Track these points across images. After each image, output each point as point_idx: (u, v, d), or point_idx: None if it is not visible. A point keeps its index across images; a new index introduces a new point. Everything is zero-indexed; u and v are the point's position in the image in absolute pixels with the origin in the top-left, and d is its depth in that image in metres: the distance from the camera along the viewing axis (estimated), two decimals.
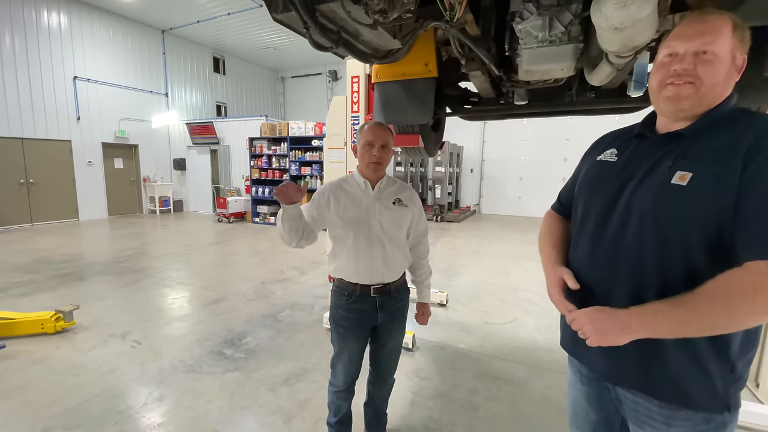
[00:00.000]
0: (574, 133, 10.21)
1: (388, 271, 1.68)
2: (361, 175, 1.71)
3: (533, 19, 1.72)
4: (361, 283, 1.67)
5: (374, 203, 1.67)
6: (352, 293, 1.68)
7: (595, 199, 1.07)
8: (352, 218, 1.65)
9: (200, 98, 13.39)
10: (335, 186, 1.71)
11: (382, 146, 1.63)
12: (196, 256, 6.31)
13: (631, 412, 1.01)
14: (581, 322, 0.95)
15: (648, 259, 0.92)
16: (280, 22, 1.66)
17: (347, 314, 1.71)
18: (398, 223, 1.70)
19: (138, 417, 2.26)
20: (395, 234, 1.69)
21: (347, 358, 1.76)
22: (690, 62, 0.90)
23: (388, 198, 1.70)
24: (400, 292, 1.76)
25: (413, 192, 1.81)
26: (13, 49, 8.52)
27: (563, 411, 2.33)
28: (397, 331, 1.81)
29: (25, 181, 8.94)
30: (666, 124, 1.00)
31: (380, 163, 1.64)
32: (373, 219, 1.65)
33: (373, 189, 1.70)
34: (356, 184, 1.71)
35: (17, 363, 2.84)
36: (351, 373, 1.81)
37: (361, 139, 1.66)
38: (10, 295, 4.30)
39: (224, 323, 3.59)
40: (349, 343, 1.74)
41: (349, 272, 1.68)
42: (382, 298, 1.69)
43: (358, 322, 1.71)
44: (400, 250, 1.72)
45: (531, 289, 4.65)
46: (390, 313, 1.74)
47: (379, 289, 1.67)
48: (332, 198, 1.67)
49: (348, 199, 1.67)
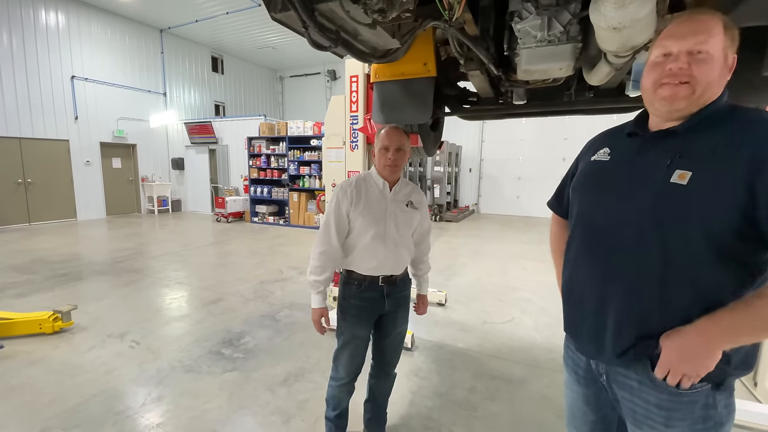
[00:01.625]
0: (573, 133, 10.23)
1: (396, 266, 1.78)
2: (380, 176, 1.78)
3: (532, 19, 1.72)
4: (371, 275, 1.76)
5: (391, 204, 1.76)
6: (362, 282, 1.76)
7: (588, 200, 1.08)
8: (371, 216, 1.72)
9: (199, 98, 13.36)
10: (356, 183, 1.77)
11: (397, 149, 1.70)
12: (194, 256, 6.30)
13: (629, 412, 1.01)
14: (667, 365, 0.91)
15: (648, 257, 0.92)
16: (279, 22, 1.66)
17: (358, 302, 1.78)
18: (409, 224, 1.81)
19: (137, 417, 2.26)
20: (405, 234, 1.80)
21: (354, 346, 1.82)
22: (685, 61, 0.90)
23: (402, 200, 1.79)
24: (404, 282, 1.87)
25: (422, 195, 1.90)
26: (10, 48, 8.48)
27: (562, 410, 2.33)
28: (401, 318, 1.89)
29: (23, 181, 8.91)
30: (658, 122, 1.00)
31: (396, 166, 1.73)
32: (389, 219, 1.74)
33: (390, 190, 1.77)
34: (375, 184, 1.78)
35: (15, 363, 2.83)
36: (356, 363, 1.86)
37: (378, 143, 1.74)
38: (7, 295, 4.28)
39: (223, 323, 3.58)
40: (358, 331, 1.81)
41: (360, 266, 1.76)
42: (389, 287, 1.79)
43: (368, 310, 1.80)
44: (407, 247, 1.82)
45: (529, 288, 4.65)
46: (396, 302, 1.83)
47: (386, 278, 1.77)
48: (355, 194, 1.73)
49: (367, 197, 1.74)
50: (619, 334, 0.97)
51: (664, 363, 0.90)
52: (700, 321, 0.86)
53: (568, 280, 1.13)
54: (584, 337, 1.08)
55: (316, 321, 1.76)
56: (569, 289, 1.13)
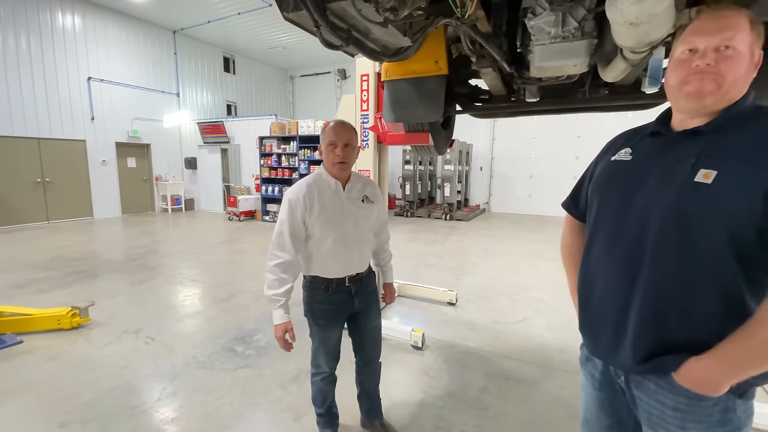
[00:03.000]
0: (586, 131, 10.07)
1: (360, 264, 1.78)
2: (330, 175, 1.72)
3: (546, 15, 1.69)
4: (337, 277, 1.73)
5: (346, 203, 1.72)
6: (329, 286, 1.73)
7: (609, 201, 1.05)
8: (329, 220, 1.67)
9: (211, 98, 13.51)
10: (308, 188, 1.68)
11: (345, 145, 1.65)
12: (207, 254, 6.38)
13: (644, 414, 0.99)
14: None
15: (670, 259, 0.90)
16: (291, 21, 1.66)
17: (326, 306, 1.76)
18: (367, 220, 1.79)
19: (152, 412, 2.30)
20: (365, 230, 1.78)
21: (331, 345, 1.84)
22: (712, 58, 0.88)
23: (357, 197, 1.76)
24: (369, 278, 1.87)
25: (376, 186, 1.90)
26: (29, 51, 8.69)
27: (575, 411, 2.31)
28: (374, 311, 1.90)
29: (42, 180, 9.13)
30: (683, 121, 0.98)
31: (345, 162, 1.67)
32: (347, 219, 1.71)
33: (344, 189, 1.73)
34: (327, 186, 1.72)
35: (34, 358, 2.91)
36: (334, 356, 1.89)
37: (324, 139, 1.67)
38: (27, 291, 4.40)
39: (235, 320, 3.62)
40: (330, 333, 1.81)
41: (325, 270, 1.72)
42: (356, 286, 1.78)
43: (337, 312, 1.79)
44: (369, 242, 1.83)
45: (542, 288, 4.60)
46: (365, 298, 1.83)
47: (353, 278, 1.76)
48: (308, 202, 1.66)
49: (321, 201, 1.67)
50: (639, 341, 0.95)
51: (686, 381, 0.91)
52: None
53: (586, 283, 1.11)
54: (603, 341, 1.05)
55: (280, 338, 1.65)
56: (587, 292, 1.10)
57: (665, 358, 0.92)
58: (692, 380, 0.89)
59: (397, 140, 3.19)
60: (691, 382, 0.89)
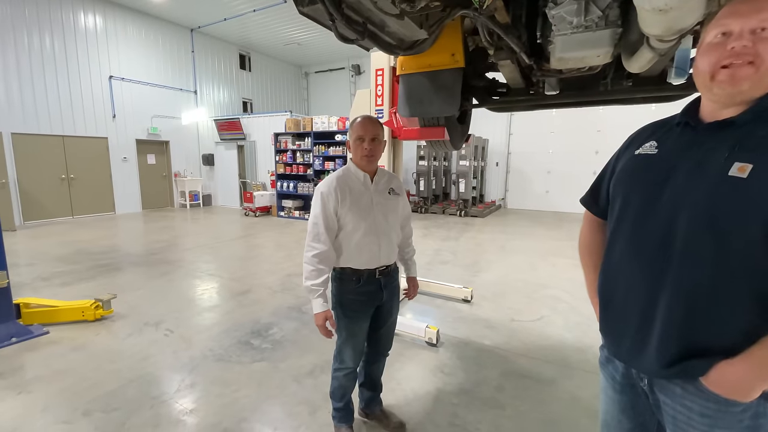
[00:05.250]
0: (606, 124, 9.80)
1: (389, 256, 1.82)
2: (358, 169, 1.76)
3: (568, 4, 1.63)
4: (368, 268, 1.76)
5: (375, 195, 1.76)
6: (360, 277, 1.76)
7: (634, 196, 1.00)
8: (360, 213, 1.71)
9: (227, 95, 13.69)
10: (338, 182, 1.73)
11: (372, 139, 1.69)
12: (224, 249, 6.49)
13: (670, 419, 0.95)
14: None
15: (701, 258, 0.85)
16: (306, 15, 1.65)
17: (357, 297, 1.79)
18: (395, 212, 1.83)
19: (171, 402, 2.35)
20: (393, 222, 1.82)
21: (358, 339, 1.86)
22: (749, 39, 0.82)
23: (384, 189, 1.81)
24: (396, 272, 1.92)
25: (400, 180, 1.95)
26: (53, 50, 8.95)
27: (593, 412, 2.26)
28: (395, 306, 1.95)
29: (66, 177, 9.43)
30: (713, 111, 0.92)
31: (373, 156, 1.71)
32: (376, 211, 1.75)
33: (372, 182, 1.77)
34: (356, 179, 1.77)
35: (59, 348, 3.01)
36: (360, 351, 1.92)
37: (352, 134, 1.72)
38: (53, 284, 4.55)
39: (251, 314, 3.67)
40: (360, 324, 1.84)
41: (355, 261, 1.75)
42: (385, 279, 1.82)
43: (367, 303, 1.82)
44: (396, 234, 1.86)
45: (559, 286, 4.51)
46: (390, 291, 1.86)
47: (383, 270, 1.80)
48: (339, 194, 1.70)
49: (351, 194, 1.73)
50: (665, 344, 0.91)
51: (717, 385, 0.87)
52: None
53: (608, 282, 1.06)
54: (625, 343, 1.01)
55: (321, 326, 1.71)
56: (609, 292, 1.06)
57: (693, 361, 0.88)
58: (722, 385, 0.85)
59: (412, 135, 3.16)
60: (721, 387, 0.85)
